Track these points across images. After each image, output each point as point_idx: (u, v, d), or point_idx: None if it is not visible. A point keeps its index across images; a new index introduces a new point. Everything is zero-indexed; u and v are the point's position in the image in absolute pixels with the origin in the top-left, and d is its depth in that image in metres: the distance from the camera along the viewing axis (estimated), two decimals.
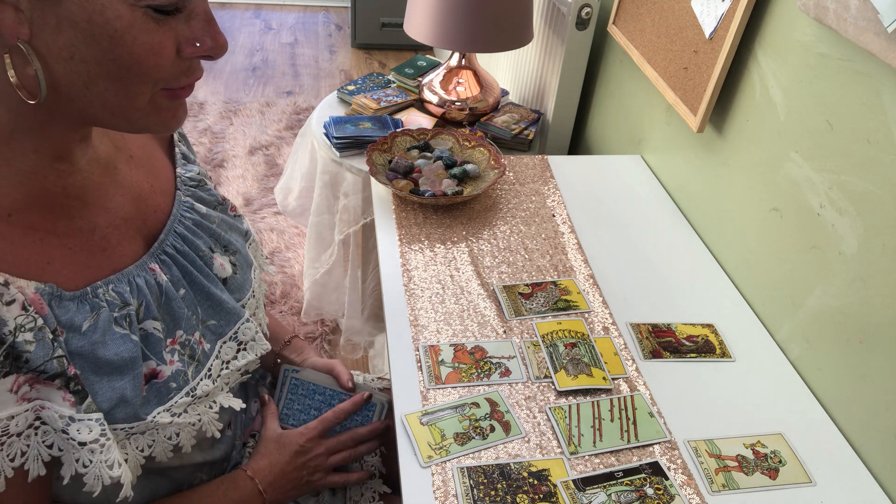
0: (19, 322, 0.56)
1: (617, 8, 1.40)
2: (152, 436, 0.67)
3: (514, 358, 0.91)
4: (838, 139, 0.85)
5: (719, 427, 0.85)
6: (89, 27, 0.51)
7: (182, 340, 0.69)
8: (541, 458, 0.78)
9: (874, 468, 0.81)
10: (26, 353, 0.56)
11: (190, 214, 0.75)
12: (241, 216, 0.85)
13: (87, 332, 0.61)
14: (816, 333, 0.90)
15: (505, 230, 1.15)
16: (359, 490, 0.95)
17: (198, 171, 0.80)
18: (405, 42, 3.57)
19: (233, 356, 0.75)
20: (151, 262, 0.69)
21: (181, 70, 0.57)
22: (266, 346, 0.79)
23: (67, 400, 0.59)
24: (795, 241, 0.94)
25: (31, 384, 0.57)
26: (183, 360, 0.69)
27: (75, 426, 0.59)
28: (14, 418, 0.57)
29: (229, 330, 0.75)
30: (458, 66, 1.59)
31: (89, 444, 0.60)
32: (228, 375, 0.75)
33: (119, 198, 0.67)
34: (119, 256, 0.66)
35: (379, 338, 1.82)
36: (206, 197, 0.79)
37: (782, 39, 0.95)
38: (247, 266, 0.81)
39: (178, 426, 0.68)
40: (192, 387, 0.69)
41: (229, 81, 3.31)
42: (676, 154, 1.25)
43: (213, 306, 0.74)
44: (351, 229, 1.56)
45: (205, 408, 0.71)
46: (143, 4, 0.52)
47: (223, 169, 2.68)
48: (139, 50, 0.53)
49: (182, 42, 0.56)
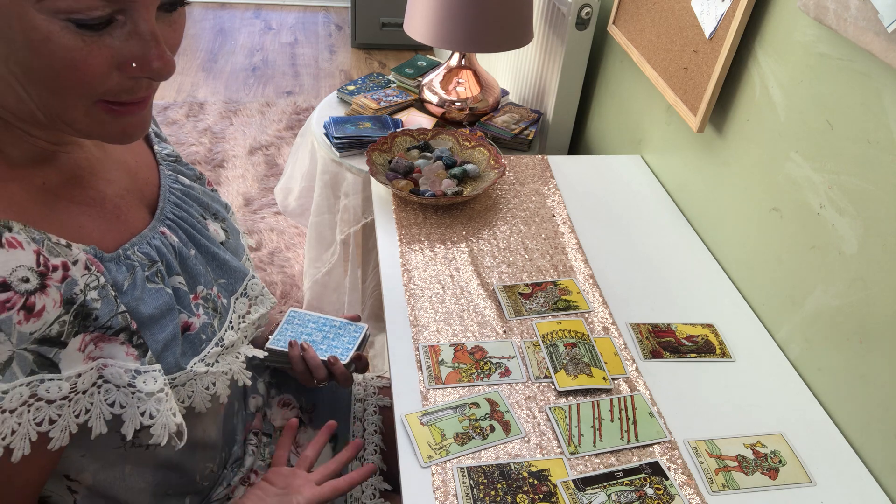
0: (86, 281, 0.58)
1: (617, 8, 1.40)
2: (191, 387, 0.69)
3: (514, 358, 0.91)
4: (838, 139, 0.85)
5: (719, 427, 0.85)
6: (10, 33, 0.50)
7: (204, 295, 0.73)
8: (541, 458, 0.78)
9: (874, 468, 0.81)
10: (95, 310, 0.58)
11: (177, 185, 0.77)
12: (217, 191, 0.87)
13: (128, 291, 0.63)
14: (816, 333, 0.90)
15: (505, 230, 1.15)
16: (359, 487, 0.94)
17: (172, 150, 0.82)
18: (405, 42, 3.57)
19: (246, 311, 0.79)
20: (161, 226, 0.71)
21: (122, 87, 0.55)
22: (273, 300, 0.84)
23: (131, 354, 0.61)
24: (795, 240, 0.94)
25: (96, 343, 0.60)
26: (208, 312, 0.72)
27: (141, 378, 0.62)
28: (81, 376, 0.59)
29: (239, 286, 0.79)
30: (458, 66, 1.59)
31: (156, 394, 0.62)
32: (246, 329, 0.79)
33: (116, 171, 0.70)
34: (132, 222, 0.68)
35: (379, 338, 1.83)
36: (185, 171, 0.81)
37: (782, 39, 0.95)
38: (236, 232, 0.84)
39: (213, 375, 0.71)
40: (219, 337, 0.73)
41: (229, 81, 3.31)
42: (676, 154, 1.25)
43: (220, 266, 0.77)
44: (351, 229, 1.56)
45: (232, 357, 0.75)
46: (62, 17, 0.50)
47: (223, 169, 2.68)
48: (57, 63, 0.52)
49: (120, 60, 0.54)
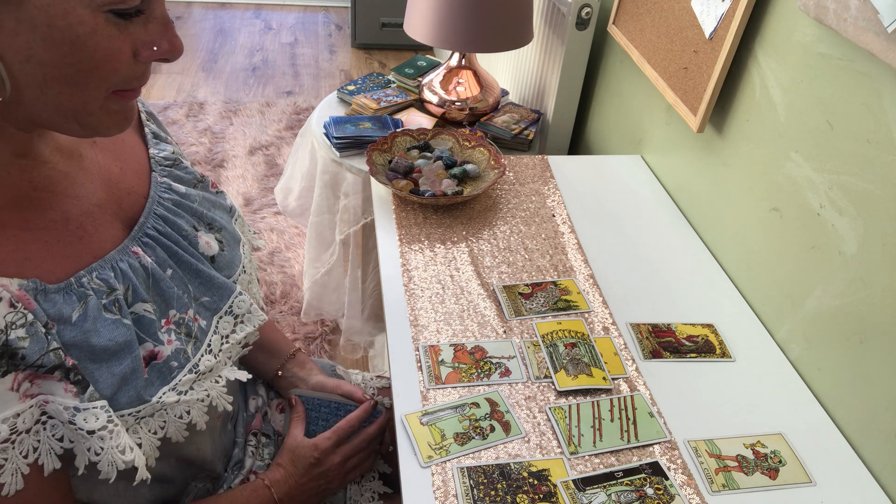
0: (9, 319, 0.56)
1: (617, 8, 1.40)
2: (162, 416, 0.67)
3: (514, 358, 0.91)
4: (838, 139, 0.85)
5: (719, 427, 0.85)
6: (49, 31, 0.51)
7: (176, 319, 0.70)
8: (541, 458, 0.78)
9: (874, 468, 0.81)
10: (21, 349, 0.56)
11: (168, 195, 0.74)
12: (224, 192, 0.85)
13: (78, 322, 0.61)
14: (816, 333, 0.90)
15: (505, 230, 1.15)
16: (359, 490, 0.95)
17: (172, 151, 0.79)
18: (405, 42, 3.57)
19: (231, 330, 0.76)
20: (133, 246, 0.68)
21: (135, 74, 0.57)
22: (262, 316, 0.79)
23: (69, 391, 0.59)
24: (795, 241, 0.94)
25: (31, 380, 0.57)
26: (181, 338, 0.69)
27: (81, 415, 0.59)
28: (20, 415, 0.57)
29: (223, 305, 0.75)
30: (458, 66, 1.59)
31: (98, 432, 0.60)
32: (230, 349, 0.76)
33: (89, 184, 0.67)
34: (98, 243, 0.66)
35: (379, 338, 1.83)
36: (183, 176, 0.78)
37: (782, 39, 0.95)
38: (234, 242, 0.81)
39: (186, 404, 0.69)
40: (193, 363, 0.70)
41: (229, 81, 3.31)
42: (676, 154, 1.25)
43: (203, 283, 0.74)
44: (351, 229, 1.56)
45: (211, 383, 0.72)
46: (105, 9, 0.52)
47: (223, 169, 2.68)
48: (100, 55, 0.53)
49: (139, 46, 0.56)
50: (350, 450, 0.90)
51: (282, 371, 0.98)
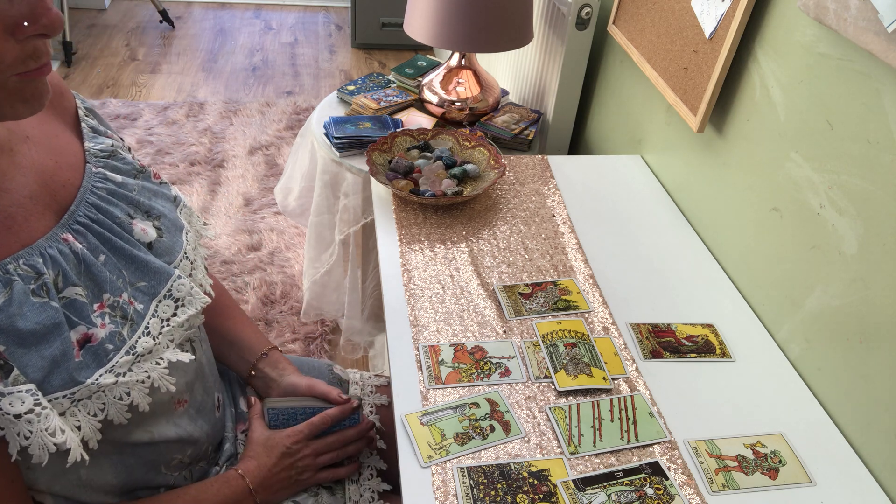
0: None
1: (617, 8, 1.40)
2: (101, 399, 0.67)
3: (514, 358, 0.91)
4: (838, 139, 0.85)
5: (719, 427, 0.85)
6: None
7: (111, 303, 0.70)
8: (541, 458, 0.78)
9: (874, 468, 0.81)
10: None
11: (103, 184, 0.75)
12: (167, 183, 0.85)
13: (3, 307, 0.61)
14: (816, 333, 0.90)
15: (505, 230, 1.15)
16: (358, 490, 0.95)
17: (111, 144, 0.79)
18: (405, 42, 3.57)
19: (172, 313, 0.76)
20: (63, 233, 0.69)
21: (26, 54, 0.56)
22: (204, 299, 0.79)
23: None
24: (795, 240, 0.94)
25: None
26: (115, 321, 0.70)
27: (6, 400, 0.60)
28: None
29: (161, 289, 0.76)
30: (458, 66, 1.59)
31: (24, 416, 0.60)
32: (171, 332, 0.76)
33: (20, 178, 0.67)
34: (27, 232, 0.66)
35: (379, 338, 1.83)
36: (121, 166, 0.79)
37: (782, 39, 0.95)
38: (175, 230, 0.81)
39: (125, 385, 0.69)
40: (130, 345, 0.70)
41: (229, 81, 3.31)
42: (676, 154, 1.26)
43: (139, 269, 0.74)
44: (351, 229, 1.56)
45: (151, 364, 0.72)
46: None
47: (223, 169, 2.68)
48: None
49: (11, 26, 0.54)
50: (322, 446, 0.91)
51: (254, 371, 0.98)
